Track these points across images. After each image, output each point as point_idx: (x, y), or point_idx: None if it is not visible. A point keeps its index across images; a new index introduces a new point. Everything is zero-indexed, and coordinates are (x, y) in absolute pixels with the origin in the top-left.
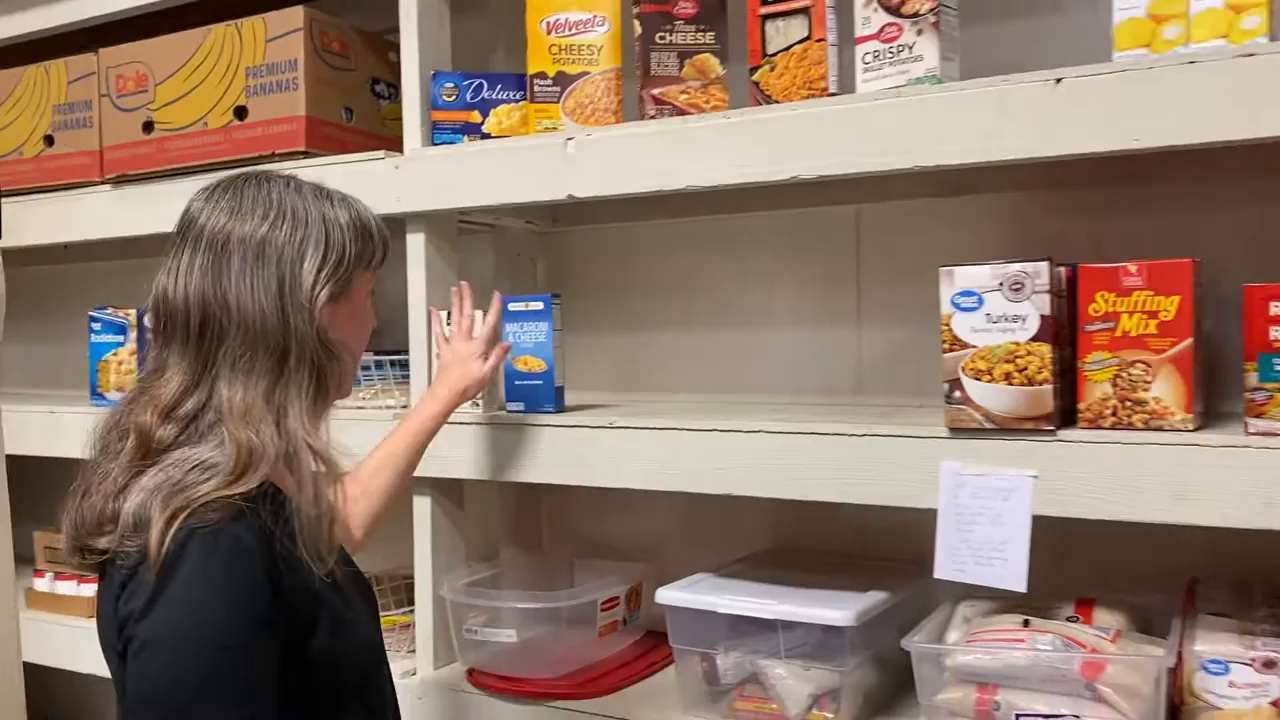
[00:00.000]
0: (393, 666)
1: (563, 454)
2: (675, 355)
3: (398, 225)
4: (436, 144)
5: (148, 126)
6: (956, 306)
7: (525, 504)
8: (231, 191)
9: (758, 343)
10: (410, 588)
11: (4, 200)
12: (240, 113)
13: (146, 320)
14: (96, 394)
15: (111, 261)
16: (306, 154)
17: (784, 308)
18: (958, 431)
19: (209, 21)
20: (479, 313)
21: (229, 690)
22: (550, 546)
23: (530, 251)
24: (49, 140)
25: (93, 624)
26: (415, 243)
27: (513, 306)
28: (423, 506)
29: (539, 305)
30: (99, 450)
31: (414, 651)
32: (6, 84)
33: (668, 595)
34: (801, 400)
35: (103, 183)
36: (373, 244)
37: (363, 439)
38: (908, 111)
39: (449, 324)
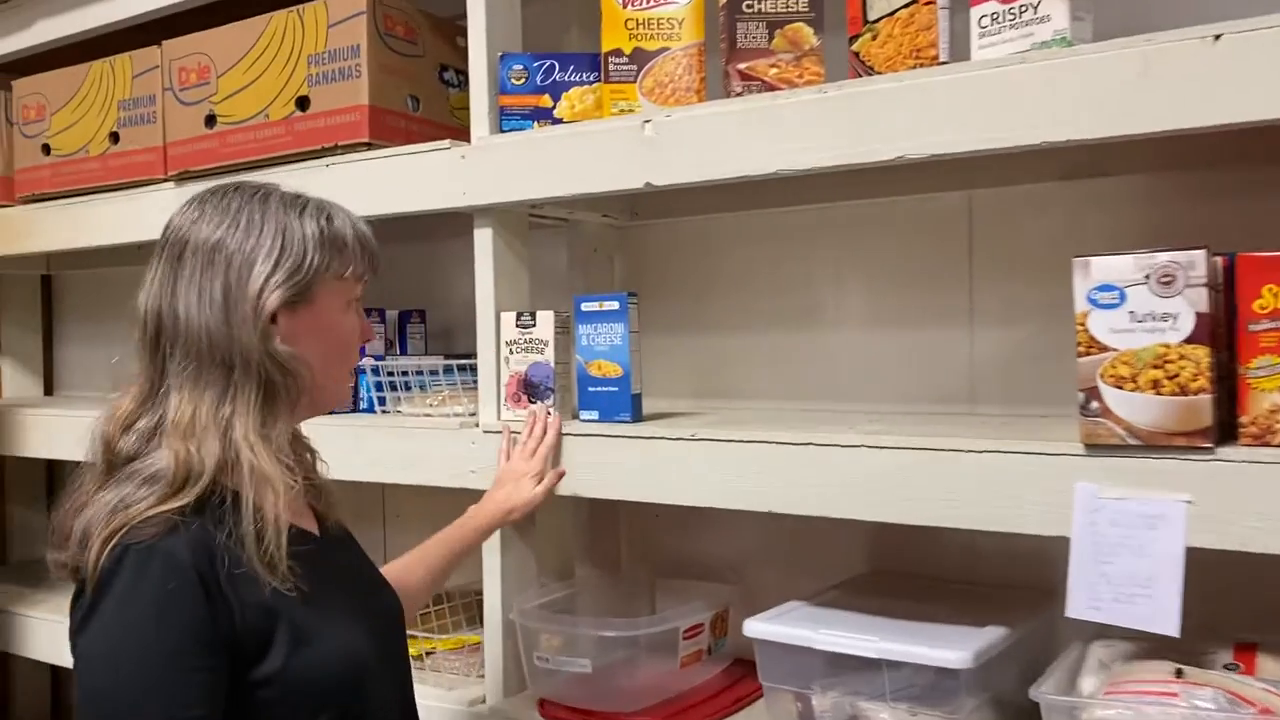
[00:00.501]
0: (462, 692)
1: (639, 469)
2: (764, 359)
3: (465, 220)
4: (505, 131)
5: (210, 120)
6: (1094, 303)
7: (602, 519)
8: (198, 202)
9: (857, 345)
10: (481, 604)
11: (71, 201)
12: (302, 103)
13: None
14: None
15: None
16: (370, 145)
17: (887, 307)
18: (1095, 448)
19: (273, 8)
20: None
21: (161, 708)
22: (629, 565)
23: (607, 248)
24: (114, 137)
25: None
26: (483, 238)
27: (586, 307)
28: None
29: (614, 305)
30: (87, 461)
31: (483, 676)
32: (72, 81)
33: (757, 628)
34: (906, 410)
35: (166, 180)
36: (345, 253)
37: (427, 449)
38: (1033, 80)
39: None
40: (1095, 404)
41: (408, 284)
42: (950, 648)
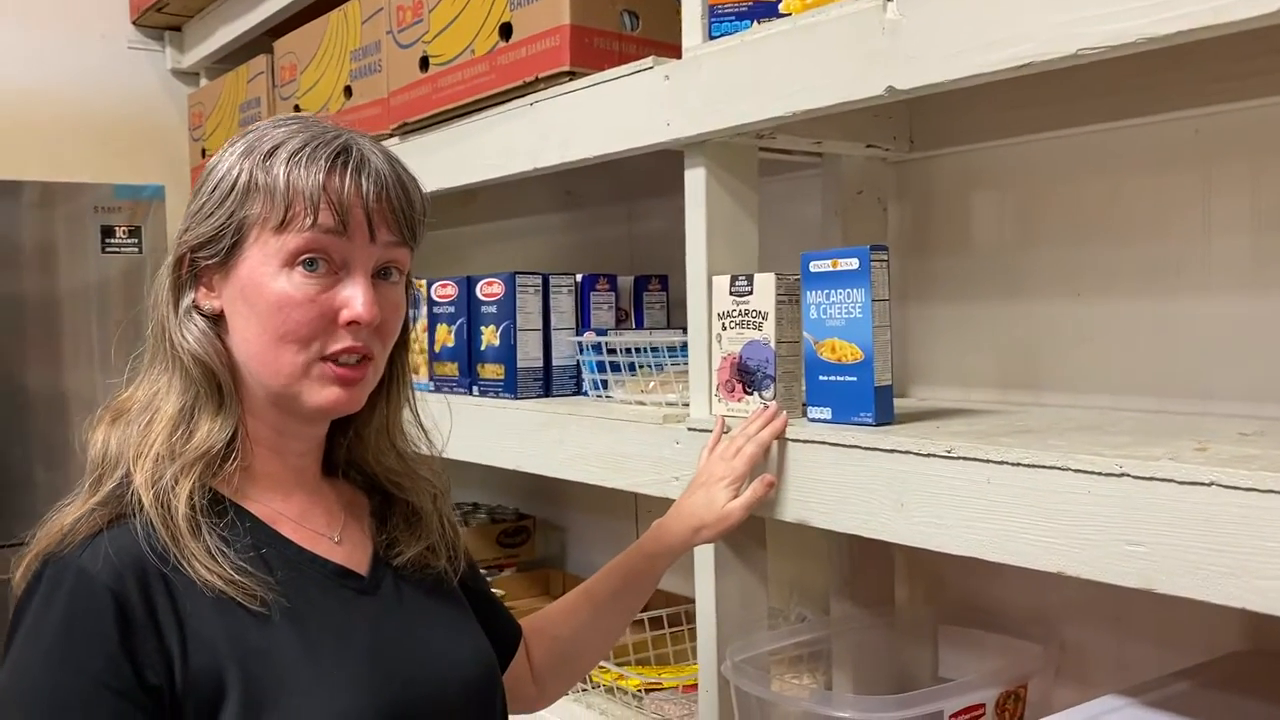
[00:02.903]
0: None
1: (874, 491)
2: (1093, 336)
3: (675, 161)
4: (715, 38)
5: (424, 63)
6: None
7: (871, 542)
8: None
9: (1230, 320)
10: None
11: None
12: (505, 31)
13: None
14: None
15: None
16: (572, 74)
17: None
18: None
19: None
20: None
21: None
22: (906, 606)
23: (875, 189)
24: (348, 92)
25: None
26: (694, 181)
27: (815, 266)
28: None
29: (852, 263)
30: None
31: None
32: (314, 36)
33: None
34: None
35: (391, 135)
36: (273, 197)
37: (629, 447)
38: None
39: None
40: None
41: (648, 245)
42: None
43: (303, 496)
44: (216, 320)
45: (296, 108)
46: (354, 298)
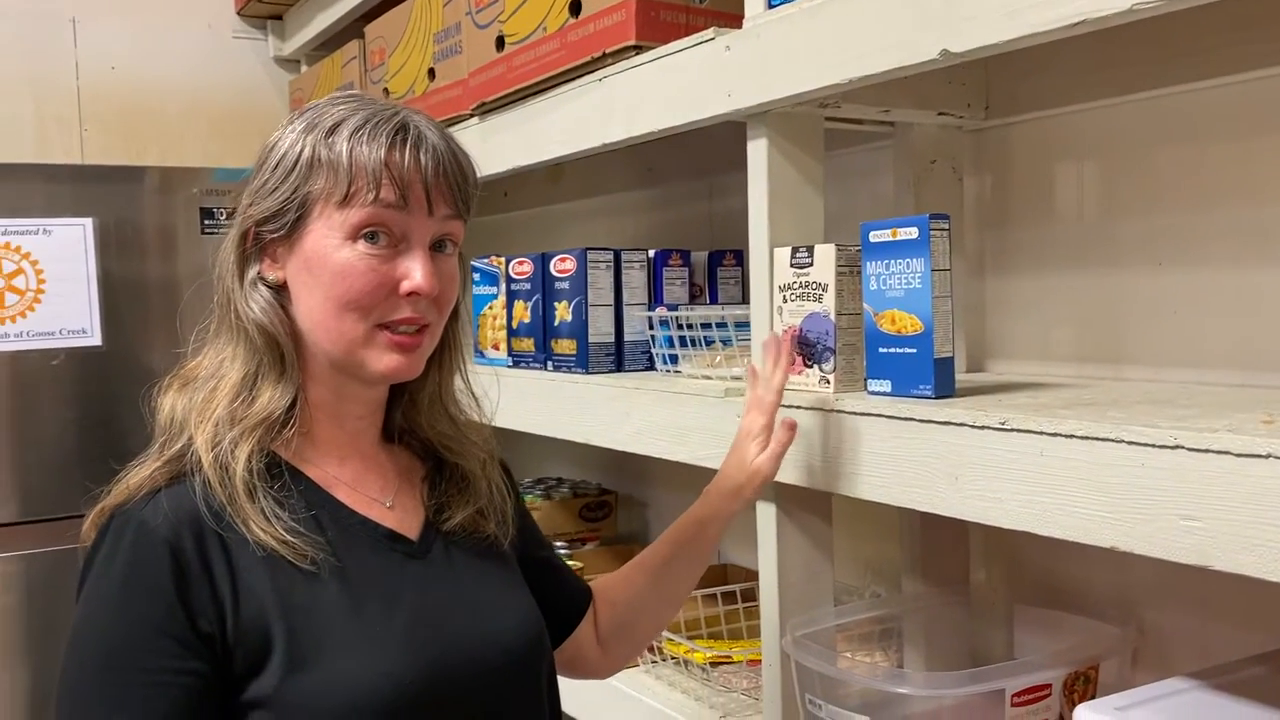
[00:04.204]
0: None
1: (929, 464)
2: (1181, 308)
3: (738, 133)
4: (774, 6)
5: (499, 42)
6: None
7: (940, 519)
8: None
9: None
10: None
11: None
12: (575, 7)
13: None
14: (478, 351)
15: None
16: (638, 49)
17: None
18: None
19: None
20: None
21: (108, 708)
22: (980, 584)
23: (949, 158)
24: (431, 74)
25: None
26: (756, 152)
27: (875, 236)
28: (767, 517)
29: (912, 233)
30: None
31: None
32: (401, 20)
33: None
34: None
35: (471, 115)
36: (337, 172)
37: (692, 420)
38: None
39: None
40: None
41: (728, 221)
42: None
43: (358, 462)
44: (280, 290)
45: (386, 91)
46: (414, 269)
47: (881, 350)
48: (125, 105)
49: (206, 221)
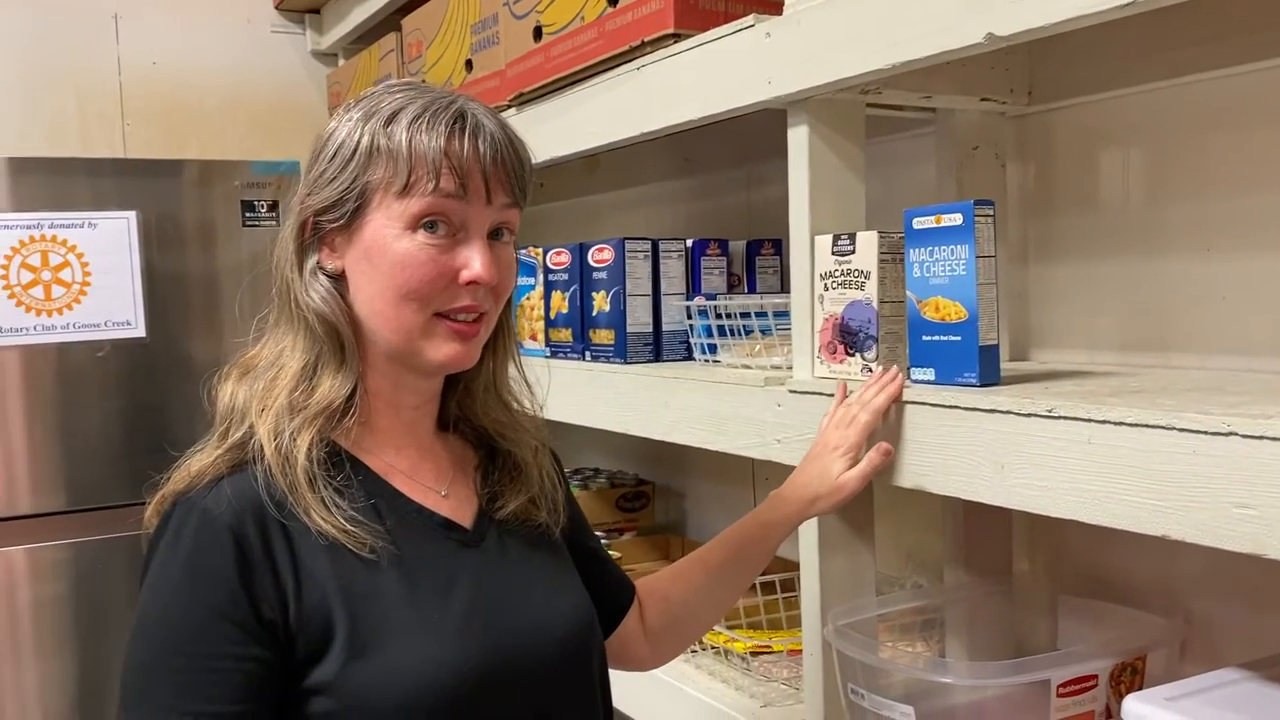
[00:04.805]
0: (776, 712)
1: (974, 452)
2: (1231, 294)
3: (776, 121)
4: None
5: (537, 32)
6: None
7: (983, 509)
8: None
9: None
10: None
11: None
12: None
13: None
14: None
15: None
16: (677, 36)
17: None
18: None
19: None
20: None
21: (172, 693)
22: (1023, 574)
23: (992, 145)
24: (469, 66)
25: None
26: (797, 139)
27: (918, 223)
28: None
29: (956, 218)
30: None
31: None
32: (438, 12)
33: (1139, 711)
34: None
35: (509, 106)
36: (396, 162)
37: (731, 409)
38: None
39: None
40: None
41: (766, 210)
42: None
43: (414, 451)
44: (339, 280)
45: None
46: (473, 259)
47: (925, 338)
48: (166, 100)
49: (247, 214)
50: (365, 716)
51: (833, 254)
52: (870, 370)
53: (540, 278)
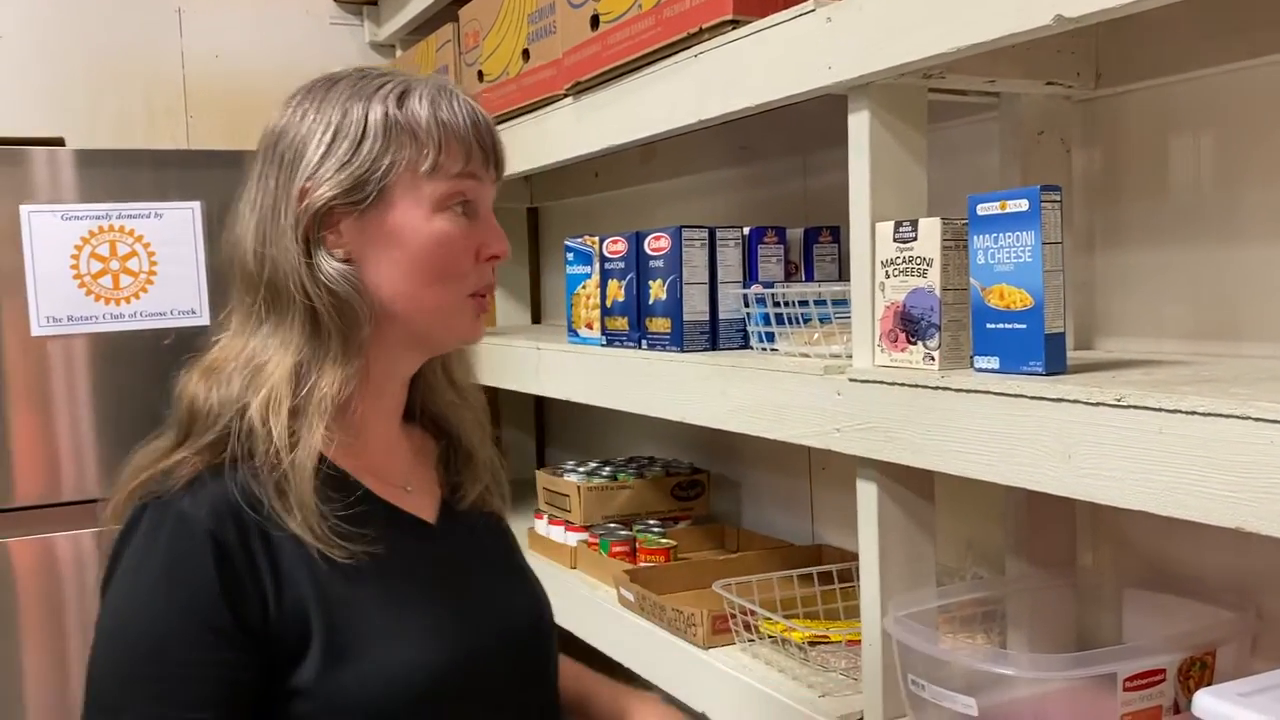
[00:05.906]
0: (835, 702)
1: (1040, 442)
2: None
3: (834, 108)
4: None
5: (594, 21)
6: None
7: (1046, 500)
8: (296, 94)
9: None
10: None
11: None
12: None
13: None
14: (571, 330)
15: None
16: (735, 23)
17: None
18: None
19: None
20: None
21: (153, 699)
22: (1087, 567)
23: (1058, 130)
24: (525, 55)
25: (573, 573)
26: (858, 125)
27: (983, 209)
28: (867, 495)
29: (1022, 205)
30: None
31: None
32: (494, 4)
33: (1211, 706)
34: None
35: (565, 95)
36: (419, 140)
37: (789, 398)
38: None
39: None
40: None
41: (823, 198)
42: None
43: (382, 446)
44: (346, 264)
45: (480, 74)
46: (490, 235)
47: (989, 326)
48: (228, 92)
49: None
50: (344, 718)
51: (894, 241)
52: (932, 359)
53: (596, 266)
